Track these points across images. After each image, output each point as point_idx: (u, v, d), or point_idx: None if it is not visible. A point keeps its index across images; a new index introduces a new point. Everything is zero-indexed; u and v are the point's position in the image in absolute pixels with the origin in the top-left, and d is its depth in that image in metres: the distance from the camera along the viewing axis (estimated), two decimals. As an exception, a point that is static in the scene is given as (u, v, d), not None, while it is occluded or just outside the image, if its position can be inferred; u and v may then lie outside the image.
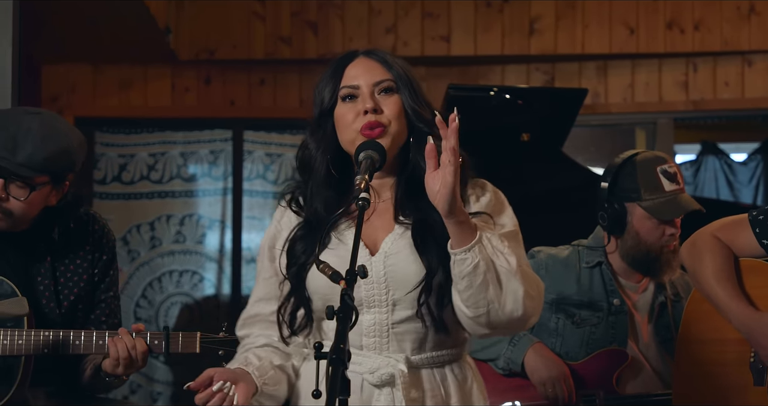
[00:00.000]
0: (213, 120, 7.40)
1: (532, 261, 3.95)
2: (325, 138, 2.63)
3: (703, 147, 7.95)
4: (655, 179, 3.79)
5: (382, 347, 2.56)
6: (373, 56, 2.63)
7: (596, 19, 7.04)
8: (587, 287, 3.87)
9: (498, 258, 2.42)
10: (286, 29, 7.09)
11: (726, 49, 7.04)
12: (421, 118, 2.59)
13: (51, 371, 3.36)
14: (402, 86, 2.60)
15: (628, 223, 3.83)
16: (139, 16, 6.31)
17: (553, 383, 3.74)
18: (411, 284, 2.51)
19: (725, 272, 3.25)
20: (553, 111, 5.10)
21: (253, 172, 7.40)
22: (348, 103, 2.60)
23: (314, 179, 2.64)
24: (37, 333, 3.19)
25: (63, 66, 7.19)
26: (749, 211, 3.32)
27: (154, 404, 7.21)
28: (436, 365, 2.59)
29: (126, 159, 7.39)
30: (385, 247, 2.56)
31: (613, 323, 3.84)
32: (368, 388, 2.55)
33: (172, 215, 7.40)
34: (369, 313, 2.55)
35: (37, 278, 3.33)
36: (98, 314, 3.43)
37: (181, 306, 7.33)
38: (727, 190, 7.96)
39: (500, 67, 7.26)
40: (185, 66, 7.21)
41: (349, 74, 2.61)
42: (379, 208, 2.63)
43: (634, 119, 7.40)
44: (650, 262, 3.82)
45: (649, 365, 3.84)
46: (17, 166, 3.15)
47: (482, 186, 2.63)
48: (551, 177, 5.12)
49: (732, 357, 3.28)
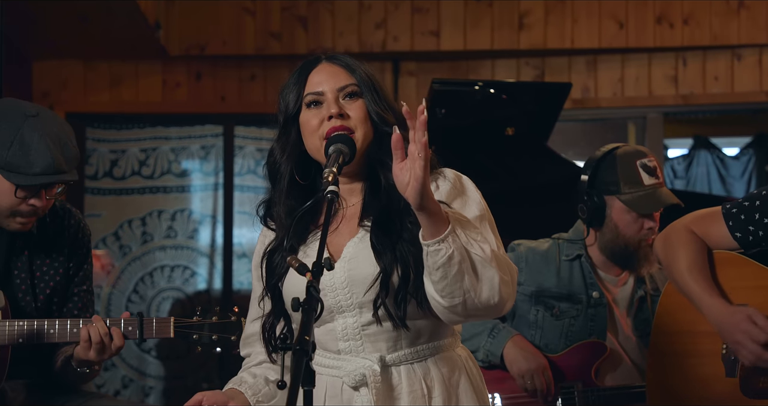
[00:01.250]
0: (204, 115, 7.42)
1: (512, 254, 3.97)
2: (289, 144, 2.64)
3: (695, 141, 7.96)
4: (635, 173, 3.81)
5: (358, 350, 2.57)
6: (336, 61, 2.64)
7: (585, 14, 7.05)
8: (567, 280, 3.89)
9: (472, 246, 2.41)
10: (276, 24, 7.11)
11: (715, 44, 7.05)
12: (386, 122, 2.59)
13: (28, 362, 3.38)
14: (366, 90, 2.61)
15: (607, 216, 3.85)
16: (128, 13, 6.35)
17: (532, 375, 3.76)
18: (370, 284, 2.52)
19: (698, 264, 3.27)
20: (538, 105, 5.10)
21: (244, 167, 7.43)
22: (313, 110, 2.60)
23: (279, 187, 2.66)
24: (12, 323, 3.22)
25: (54, 62, 7.22)
26: (722, 203, 3.34)
27: (145, 398, 7.23)
28: (417, 360, 2.58)
29: (117, 155, 7.41)
30: (346, 252, 2.57)
31: (593, 315, 3.86)
32: (347, 390, 2.57)
33: (163, 210, 7.42)
34: (340, 318, 2.57)
35: (14, 271, 3.36)
36: (71, 307, 3.46)
37: (172, 301, 7.35)
38: (720, 185, 7.97)
39: (490, 62, 7.27)
40: (176, 62, 7.23)
41: (312, 81, 2.62)
42: (347, 213, 2.64)
43: (624, 114, 7.41)
44: (628, 255, 3.84)
45: (628, 358, 3.86)
46: (36, 177, 3.22)
47: (443, 174, 2.62)
48: (536, 171, 5.13)
49: (705, 349, 3.29)
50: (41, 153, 3.21)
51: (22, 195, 3.25)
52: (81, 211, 7.12)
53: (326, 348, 2.62)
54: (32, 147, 3.21)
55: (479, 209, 2.58)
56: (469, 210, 2.57)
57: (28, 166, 3.20)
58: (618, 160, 3.85)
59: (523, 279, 3.90)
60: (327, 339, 2.60)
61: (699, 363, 3.31)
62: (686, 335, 3.37)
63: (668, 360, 3.43)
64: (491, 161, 5.11)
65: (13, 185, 3.21)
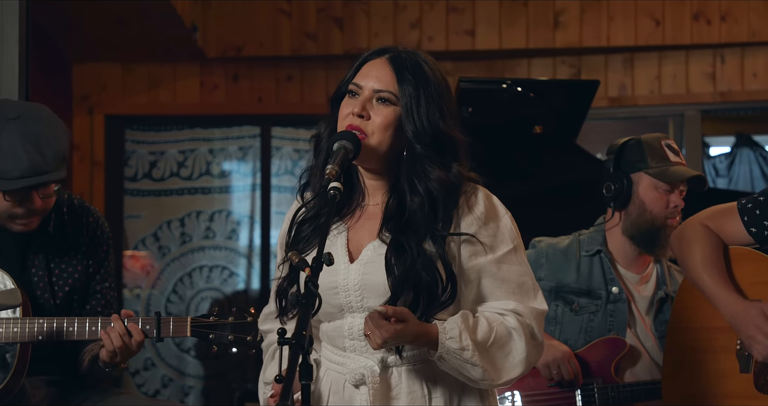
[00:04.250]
0: (241, 117, 7.47)
1: (533, 250, 3.98)
2: (333, 121, 2.65)
3: (737, 139, 7.88)
4: (661, 150, 3.86)
5: (362, 350, 2.59)
6: (394, 62, 2.60)
7: (621, 12, 7.02)
8: (586, 276, 3.89)
9: (463, 369, 2.49)
10: (312, 25, 7.15)
11: (753, 40, 6.98)
12: (418, 139, 2.55)
13: (50, 360, 3.43)
14: (404, 101, 2.56)
15: (634, 193, 3.86)
16: (165, 15, 6.41)
17: (558, 364, 3.75)
18: (382, 293, 2.53)
19: (713, 260, 3.26)
20: (566, 103, 5.09)
21: (281, 168, 7.47)
22: (350, 99, 2.61)
23: (319, 161, 2.66)
24: (32, 321, 3.27)
25: (93, 65, 7.30)
26: (738, 199, 3.32)
27: (185, 398, 7.29)
28: (419, 362, 2.59)
29: (156, 156, 7.49)
30: (364, 255, 2.58)
31: (612, 311, 3.85)
32: (349, 388, 2.59)
33: (201, 211, 7.48)
34: (349, 317, 2.59)
35: (31, 269, 3.40)
36: (94, 305, 3.50)
37: (211, 301, 7.41)
38: (763, 183, 7.88)
39: (526, 61, 7.25)
40: (213, 63, 7.29)
41: (363, 72, 2.62)
42: (369, 210, 2.65)
43: (661, 112, 7.36)
44: (653, 234, 3.82)
45: (648, 354, 3.85)
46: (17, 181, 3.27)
47: (474, 193, 2.60)
48: (564, 169, 5.12)
49: (720, 345, 3.28)
50: (17, 157, 3.24)
51: (11, 199, 3.30)
52: (120, 212, 7.24)
53: (334, 344, 2.64)
54: (9, 152, 3.25)
55: (511, 239, 2.60)
56: (500, 243, 2.59)
57: (6, 171, 3.24)
58: (643, 141, 3.89)
59: (543, 275, 3.90)
60: (335, 335, 2.62)
61: (714, 359, 3.30)
62: (701, 330, 3.36)
63: (683, 356, 3.42)
64: (520, 160, 5.11)
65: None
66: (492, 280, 2.57)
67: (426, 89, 2.58)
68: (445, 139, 2.57)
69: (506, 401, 3.81)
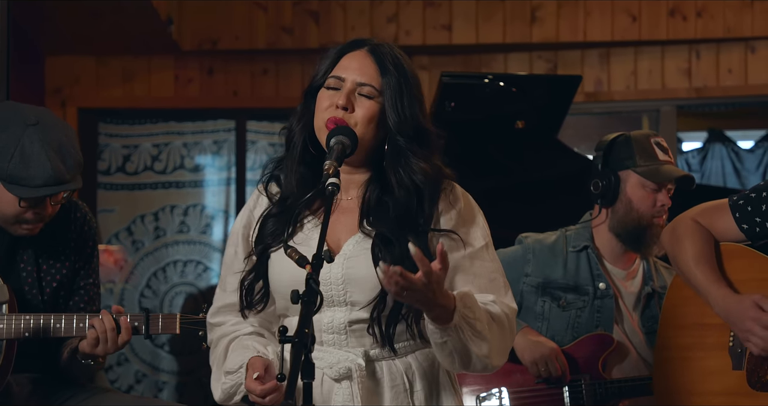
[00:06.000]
0: (216, 110, 7.42)
1: (520, 246, 3.97)
2: (306, 114, 2.63)
3: (709, 135, 7.91)
4: (650, 148, 3.86)
5: (341, 343, 2.57)
6: (375, 55, 2.60)
7: (598, 7, 7.02)
8: (573, 271, 3.89)
9: (472, 343, 2.45)
10: (288, 19, 7.11)
11: (729, 36, 7.01)
12: (403, 132, 2.56)
13: (35, 356, 3.40)
14: (388, 95, 2.56)
15: (621, 191, 3.86)
16: (140, 8, 6.35)
17: (545, 361, 3.74)
18: (368, 287, 2.52)
19: (705, 255, 3.26)
20: (548, 98, 5.09)
21: (256, 162, 7.42)
22: (330, 91, 2.59)
23: (292, 154, 2.65)
24: (18, 317, 3.23)
25: (66, 58, 7.21)
26: (729, 195, 3.32)
27: (159, 394, 7.24)
28: (399, 355, 2.59)
29: (130, 150, 7.42)
30: (346, 249, 2.56)
31: (599, 307, 3.85)
32: (328, 382, 2.56)
33: (176, 205, 7.42)
34: (329, 311, 2.55)
35: (19, 264, 3.37)
36: (77, 301, 3.47)
37: (185, 296, 7.36)
38: (735, 178, 7.92)
39: (503, 56, 7.24)
40: (188, 57, 7.22)
41: (343, 63, 2.60)
42: (343, 205, 2.63)
43: (637, 107, 7.39)
44: (639, 233, 3.83)
45: (635, 350, 3.85)
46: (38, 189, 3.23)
47: (453, 189, 2.62)
48: (546, 164, 5.11)
49: (711, 342, 3.28)
50: (42, 165, 3.21)
51: (26, 205, 3.26)
52: (94, 206, 7.16)
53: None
54: (33, 159, 3.21)
55: (483, 236, 2.62)
56: (474, 239, 2.60)
57: (29, 178, 3.21)
58: (632, 139, 3.89)
59: (530, 270, 3.90)
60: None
61: (705, 356, 3.30)
62: (693, 328, 3.36)
63: (675, 353, 3.42)
64: (502, 155, 5.10)
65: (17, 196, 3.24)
66: (464, 275, 2.57)
67: (406, 82, 2.59)
68: (424, 132, 2.59)
69: (494, 398, 3.80)
